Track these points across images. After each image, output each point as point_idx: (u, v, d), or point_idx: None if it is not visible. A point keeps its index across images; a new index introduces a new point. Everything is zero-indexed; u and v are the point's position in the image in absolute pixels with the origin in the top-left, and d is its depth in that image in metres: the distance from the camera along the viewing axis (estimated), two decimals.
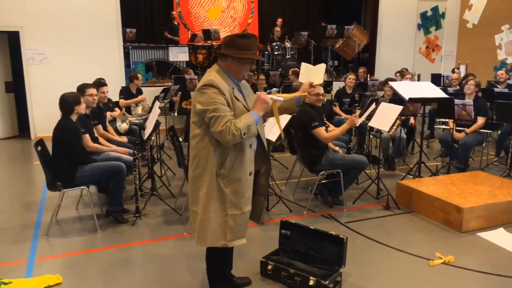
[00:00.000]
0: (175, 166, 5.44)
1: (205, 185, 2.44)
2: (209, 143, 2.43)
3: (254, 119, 2.40)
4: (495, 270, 3.25)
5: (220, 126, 2.33)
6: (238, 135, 2.33)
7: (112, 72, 8.14)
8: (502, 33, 10.46)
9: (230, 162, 2.45)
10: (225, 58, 2.48)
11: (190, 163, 2.52)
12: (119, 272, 3.25)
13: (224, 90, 2.40)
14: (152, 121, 4.48)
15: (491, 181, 4.58)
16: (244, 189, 2.50)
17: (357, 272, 3.23)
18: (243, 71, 2.51)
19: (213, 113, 2.34)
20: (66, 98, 3.84)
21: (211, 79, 2.40)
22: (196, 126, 2.46)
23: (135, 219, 4.14)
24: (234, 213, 2.49)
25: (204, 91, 2.38)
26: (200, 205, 2.47)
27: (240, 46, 2.43)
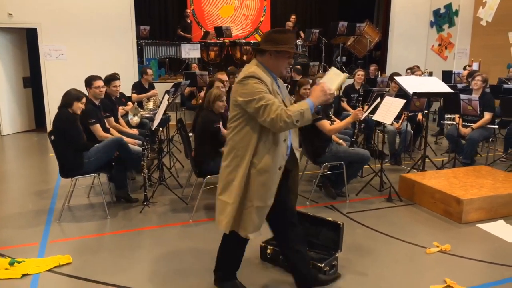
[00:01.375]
0: (184, 159, 5.59)
1: (241, 175, 2.46)
2: (248, 134, 2.45)
3: (308, 107, 2.40)
4: (490, 259, 3.31)
5: (271, 114, 2.33)
6: (290, 122, 2.33)
7: (125, 68, 8.35)
8: None
9: (263, 153, 2.45)
10: (263, 53, 2.51)
11: (226, 155, 2.55)
12: (127, 253, 3.41)
13: (266, 81, 2.43)
14: (160, 113, 4.63)
15: (494, 175, 4.61)
16: (272, 182, 2.50)
17: (355, 258, 3.32)
18: (281, 66, 2.53)
19: (260, 102, 2.35)
20: (69, 91, 4.04)
21: (252, 71, 2.44)
22: (236, 118, 2.48)
23: (143, 207, 4.30)
24: (259, 205, 2.50)
25: (246, 82, 2.41)
26: (233, 195, 2.49)
27: (277, 40, 2.46)
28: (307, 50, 10.69)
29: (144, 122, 6.07)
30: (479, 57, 10.42)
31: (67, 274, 3.10)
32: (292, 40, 2.53)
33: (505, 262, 3.26)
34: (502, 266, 3.22)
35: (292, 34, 2.54)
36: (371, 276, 3.06)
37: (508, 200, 4.08)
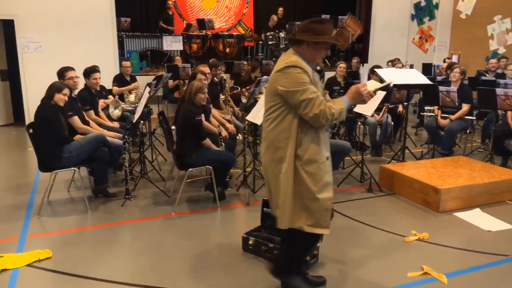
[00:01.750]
0: (167, 152, 5.56)
1: (286, 167, 2.41)
2: (289, 125, 2.40)
3: (345, 106, 2.40)
4: (466, 246, 3.40)
5: (314, 109, 2.31)
6: (330, 120, 2.35)
7: (106, 60, 8.22)
8: (495, 24, 10.54)
9: (307, 143, 2.41)
10: (300, 44, 2.45)
11: (267, 148, 2.48)
12: (108, 247, 3.39)
13: (308, 71, 2.40)
14: (141, 106, 4.59)
15: (471, 165, 4.72)
16: (322, 173, 2.44)
17: (335, 247, 3.37)
18: (318, 56, 2.48)
19: (304, 95, 2.32)
20: (53, 83, 4.03)
21: (294, 60, 2.38)
22: (275, 108, 2.42)
23: (124, 200, 4.27)
24: (310, 197, 2.44)
25: (288, 71, 2.35)
26: (281, 188, 2.45)
27: (315, 31, 2.41)
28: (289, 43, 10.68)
29: (126, 115, 6.01)
30: (458, 49, 10.59)
31: (47, 268, 3.07)
32: (331, 31, 2.48)
33: (480, 249, 3.36)
34: (478, 253, 3.31)
35: (330, 24, 2.47)
36: (350, 264, 3.11)
37: (484, 189, 4.19)
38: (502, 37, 10.41)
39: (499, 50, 10.46)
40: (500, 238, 3.56)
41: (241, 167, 4.93)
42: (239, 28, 12.16)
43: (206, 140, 4.13)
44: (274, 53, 10.33)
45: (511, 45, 10.20)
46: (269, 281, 2.88)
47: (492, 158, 5.32)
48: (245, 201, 4.35)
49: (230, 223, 3.93)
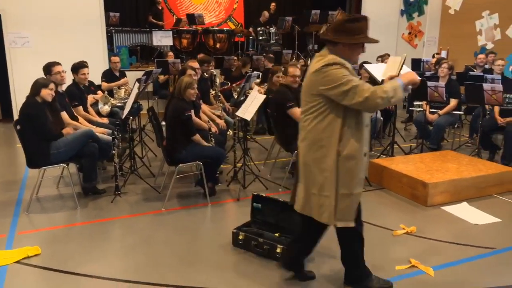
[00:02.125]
0: (157, 148, 5.55)
1: (330, 164, 2.40)
2: (332, 122, 2.39)
3: (399, 84, 2.36)
4: (453, 239, 3.45)
5: (364, 93, 2.28)
6: (386, 98, 2.30)
7: (95, 56, 8.14)
8: (483, 19, 10.64)
9: (347, 139, 2.39)
10: (335, 44, 2.40)
11: (309, 147, 2.47)
12: (98, 243, 3.38)
13: (348, 67, 2.36)
14: (130, 102, 4.56)
15: (459, 160, 4.78)
16: (358, 169, 2.44)
17: (325, 242, 3.37)
18: (355, 55, 2.46)
19: (349, 85, 2.28)
20: (37, 80, 3.99)
21: (330, 58, 2.35)
22: (317, 108, 2.40)
23: (114, 197, 4.25)
24: (344, 193, 2.44)
25: (326, 70, 2.33)
26: (328, 187, 2.43)
27: (351, 31, 2.35)
28: (280, 38, 10.69)
29: (115, 111, 5.98)
30: (447, 45, 10.67)
31: (36, 265, 3.05)
32: (367, 28, 2.40)
33: (467, 242, 3.41)
34: (465, 246, 3.36)
35: (365, 22, 2.39)
36: (339, 258, 3.13)
37: (471, 183, 4.25)
38: (490, 32, 10.52)
39: (487, 45, 10.56)
40: (487, 231, 3.62)
41: (231, 163, 4.93)
42: (229, 23, 12.12)
43: (196, 135, 4.12)
44: (265, 49, 10.33)
45: (499, 41, 10.31)
46: (259, 276, 2.90)
47: (480, 152, 5.39)
48: (235, 196, 4.37)
49: (220, 218, 3.94)
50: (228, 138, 5.71)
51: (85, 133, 4.17)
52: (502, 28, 10.20)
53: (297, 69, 4.64)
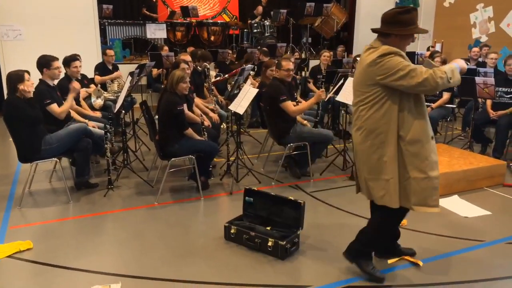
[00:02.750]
0: (151, 142, 5.55)
1: (390, 149, 2.50)
2: (390, 109, 2.47)
3: (456, 67, 2.47)
4: (444, 232, 3.49)
5: (423, 74, 2.36)
6: (445, 78, 2.38)
7: (88, 49, 8.08)
8: (477, 12, 10.64)
9: (409, 124, 2.47)
10: (387, 36, 2.49)
11: (365, 136, 2.55)
12: (91, 237, 3.39)
13: (403, 54, 2.45)
14: (122, 96, 4.55)
15: (450, 153, 4.81)
16: (427, 152, 2.51)
17: (316, 235, 3.43)
18: (405, 46, 2.53)
19: (406, 70, 2.37)
20: (9, 75, 3.83)
21: (384, 48, 2.44)
22: (373, 97, 2.49)
23: (107, 191, 4.25)
24: (417, 176, 2.51)
25: (380, 60, 2.42)
26: (388, 170, 2.52)
27: (404, 22, 2.45)
28: (275, 30, 10.65)
29: (108, 104, 5.96)
30: (442, 38, 10.67)
31: (28, 259, 3.06)
32: (417, 18, 2.52)
33: (457, 235, 3.45)
34: (455, 239, 3.40)
35: (415, 12, 2.50)
36: (330, 251, 3.17)
37: (462, 176, 4.29)
38: (484, 25, 10.53)
39: (481, 38, 10.57)
40: (477, 224, 3.66)
41: (224, 156, 4.93)
42: (224, 16, 12.05)
43: (189, 129, 4.12)
44: (259, 41, 10.29)
45: (493, 34, 10.32)
46: (251, 270, 2.92)
47: (472, 145, 5.42)
48: (228, 190, 4.38)
49: (213, 212, 3.95)
50: (222, 131, 5.71)
51: (78, 128, 4.15)
52: (496, 21, 10.21)
53: (290, 63, 4.63)
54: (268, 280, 2.81)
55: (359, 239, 2.86)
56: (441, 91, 5.59)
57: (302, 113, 4.73)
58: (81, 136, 4.15)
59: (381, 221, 2.77)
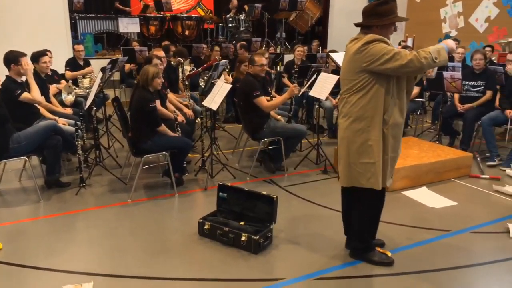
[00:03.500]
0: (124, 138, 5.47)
1: (375, 133, 2.61)
2: (376, 94, 2.57)
3: (443, 46, 2.53)
4: (412, 223, 3.60)
5: (407, 56, 2.46)
6: (430, 58, 2.46)
7: (58, 43, 7.88)
8: (447, 7, 10.91)
9: (391, 109, 2.60)
10: (369, 28, 2.60)
11: (353, 121, 2.65)
12: (62, 236, 3.34)
13: (387, 41, 2.54)
14: (93, 93, 4.47)
15: (420, 145, 4.95)
16: (401, 133, 2.73)
17: (289, 228, 3.48)
18: (388, 35, 2.63)
19: (390, 53, 2.46)
20: None
21: (370, 36, 2.52)
22: (360, 84, 2.59)
23: (79, 189, 4.19)
24: (392, 155, 2.72)
25: (365, 47, 2.51)
26: (374, 154, 2.64)
27: (382, 13, 2.55)
28: (250, 25, 10.64)
29: (80, 101, 5.86)
30: (413, 32, 10.88)
31: None
32: (395, 8, 2.60)
33: (424, 225, 3.57)
34: (422, 229, 3.51)
35: (394, 2, 2.59)
36: (302, 244, 3.23)
37: (430, 168, 4.42)
38: (453, 20, 10.80)
39: (451, 33, 10.85)
40: (444, 214, 3.78)
41: (199, 152, 4.93)
42: (198, 10, 11.95)
43: (162, 126, 4.10)
44: (234, 36, 10.26)
45: (462, 28, 10.61)
46: (224, 265, 2.95)
47: (440, 138, 5.59)
48: (203, 186, 4.39)
49: (187, 208, 3.96)
50: (197, 127, 5.70)
51: (47, 126, 4.07)
52: (465, 16, 10.49)
53: (263, 58, 4.65)
54: (242, 274, 2.84)
55: (355, 238, 2.98)
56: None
57: (275, 108, 4.77)
58: (51, 134, 4.07)
59: (367, 207, 2.88)
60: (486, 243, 3.27)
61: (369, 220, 2.94)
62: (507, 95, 5.25)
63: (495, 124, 5.16)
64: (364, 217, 2.91)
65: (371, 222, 2.95)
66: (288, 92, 4.57)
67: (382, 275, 2.84)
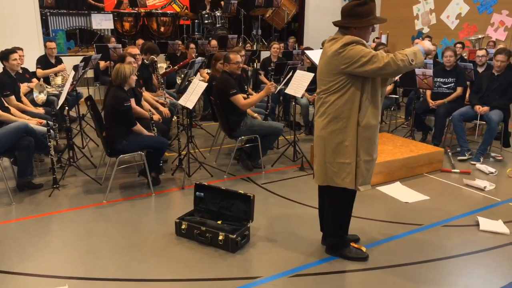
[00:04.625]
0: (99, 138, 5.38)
1: (351, 134, 2.65)
2: (352, 95, 2.60)
3: (419, 49, 2.59)
4: (385, 218, 3.68)
5: (384, 58, 2.48)
6: (406, 60, 2.50)
7: (28, 41, 7.68)
8: (419, 4, 11.13)
9: (365, 110, 2.62)
10: (347, 28, 2.61)
11: (328, 122, 2.68)
12: (35, 240, 3.27)
13: (364, 43, 2.57)
14: (65, 92, 4.38)
15: (393, 141, 5.06)
16: (375, 136, 2.72)
17: (266, 226, 3.51)
18: (366, 36, 2.64)
19: (368, 56, 2.48)
20: None
21: (348, 37, 2.54)
22: (338, 85, 2.61)
23: (52, 190, 4.11)
24: (366, 159, 2.72)
25: (344, 49, 2.52)
26: (349, 154, 2.68)
27: (361, 14, 2.56)
28: (226, 21, 10.60)
29: (52, 99, 5.73)
30: (387, 29, 11.08)
31: None
32: (374, 9, 2.62)
33: (398, 220, 3.66)
34: (395, 224, 3.60)
35: (373, 3, 2.61)
36: (279, 241, 3.26)
37: (404, 163, 4.53)
38: (426, 17, 11.04)
39: (423, 29, 11.09)
40: (416, 209, 3.88)
41: (176, 151, 4.90)
42: (174, 6, 11.81)
43: (137, 126, 4.05)
44: (211, 32, 10.21)
45: (434, 25, 10.86)
46: (202, 264, 2.95)
47: (413, 133, 5.72)
48: (180, 185, 4.37)
49: (164, 208, 3.93)
50: (173, 125, 5.66)
51: (18, 127, 3.95)
52: (437, 13, 10.74)
53: (238, 56, 4.65)
54: (220, 273, 2.85)
55: (329, 235, 3.04)
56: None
57: (252, 106, 4.78)
58: (22, 135, 3.96)
59: (338, 205, 2.94)
60: (457, 236, 3.38)
61: (341, 217, 2.99)
62: (476, 91, 5.41)
63: (465, 119, 5.31)
64: (337, 213, 2.97)
65: (343, 218, 3.00)
66: (265, 90, 4.58)
67: (357, 270, 2.90)
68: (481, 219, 3.58)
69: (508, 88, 5.14)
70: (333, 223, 2.99)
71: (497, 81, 5.20)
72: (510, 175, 4.68)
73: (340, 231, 3.02)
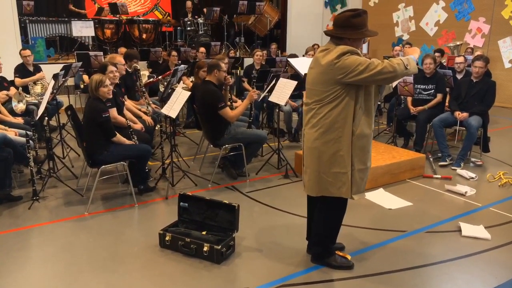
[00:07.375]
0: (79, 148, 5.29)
1: (346, 144, 2.65)
2: (347, 105, 2.61)
3: (411, 57, 2.64)
4: (369, 225, 3.70)
5: (378, 66, 2.51)
6: (402, 65, 2.54)
7: (6, 49, 7.50)
8: (399, 11, 11.34)
9: (359, 119, 2.63)
10: (340, 39, 2.62)
11: (323, 132, 2.67)
12: (13, 254, 3.18)
13: (358, 52, 2.59)
14: (44, 102, 4.30)
15: (376, 148, 5.10)
16: (369, 145, 2.74)
17: (251, 235, 3.49)
18: (359, 47, 2.68)
19: (364, 64, 2.50)
20: None
21: (343, 47, 2.56)
22: (333, 96, 2.61)
23: (32, 202, 4.01)
24: (360, 168, 2.73)
25: (339, 60, 2.53)
26: (345, 164, 2.68)
27: (356, 25, 2.57)
28: (209, 28, 10.59)
29: (31, 109, 5.61)
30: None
31: None
32: (367, 21, 2.64)
33: (382, 227, 3.68)
34: (380, 231, 3.62)
35: (366, 15, 2.63)
36: (265, 251, 3.25)
37: (386, 170, 4.57)
38: (405, 24, 11.25)
39: (403, 36, 11.29)
40: (399, 215, 3.92)
41: (159, 159, 4.85)
42: (156, 13, 11.77)
43: (117, 136, 3.98)
44: (193, 39, 10.18)
45: (413, 32, 11.06)
46: (186, 276, 2.91)
47: (395, 139, 5.79)
48: (163, 195, 4.32)
49: (148, 219, 3.87)
50: (156, 133, 5.60)
51: None
52: (416, 20, 10.95)
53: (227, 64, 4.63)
54: (205, 285, 2.82)
55: (315, 243, 3.03)
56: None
57: (240, 116, 4.72)
58: (0, 146, 3.87)
59: (331, 215, 2.94)
60: (440, 243, 3.42)
61: (332, 226, 2.99)
62: (455, 97, 5.52)
63: (446, 125, 5.41)
64: (328, 223, 2.96)
65: (333, 228, 3.00)
66: (248, 97, 4.58)
67: (342, 279, 2.91)
68: (463, 224, 3.63)
69: (486, 94, 5.26)
70: (323, 232, 2.98)
71: (475, 88, 5.31)
72: (490, 180, 4.78)
73: (327, 240, 3.02)
